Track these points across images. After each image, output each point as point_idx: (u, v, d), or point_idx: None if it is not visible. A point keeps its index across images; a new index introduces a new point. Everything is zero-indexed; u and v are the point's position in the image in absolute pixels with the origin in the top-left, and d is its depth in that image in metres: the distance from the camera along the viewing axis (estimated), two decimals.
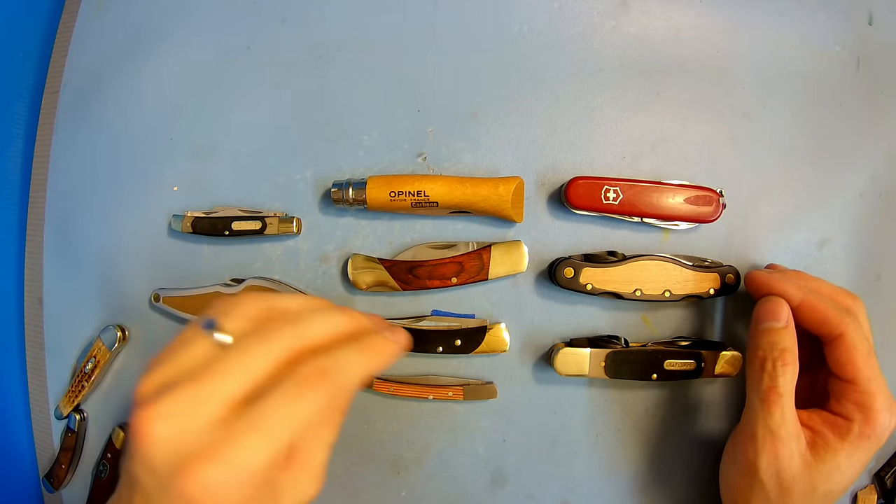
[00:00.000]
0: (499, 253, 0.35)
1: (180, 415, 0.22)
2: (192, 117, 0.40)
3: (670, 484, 0.38)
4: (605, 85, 0.37)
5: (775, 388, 0.29)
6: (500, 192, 0.35)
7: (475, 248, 0.36)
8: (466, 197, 0.35)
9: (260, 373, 0.23)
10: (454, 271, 0.35)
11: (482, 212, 0.36)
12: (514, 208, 0.35)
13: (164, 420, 0.22)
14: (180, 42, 0.40)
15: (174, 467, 0.21)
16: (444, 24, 0.38)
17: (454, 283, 0.35)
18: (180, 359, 0.24)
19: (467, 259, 0.35)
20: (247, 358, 0.23)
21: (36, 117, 0.43)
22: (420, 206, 0.35)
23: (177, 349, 0.24)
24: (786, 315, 0.31)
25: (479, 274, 0.35)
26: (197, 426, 0.22)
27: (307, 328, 0.25)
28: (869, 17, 0.38)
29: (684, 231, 0.37)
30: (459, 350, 0.36)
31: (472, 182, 0.35)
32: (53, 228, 0.42)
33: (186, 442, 0.22)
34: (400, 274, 0.36)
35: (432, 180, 0.35)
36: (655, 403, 0.38)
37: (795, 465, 0.29)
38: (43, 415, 0.42)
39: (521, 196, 0.36)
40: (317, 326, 0.25)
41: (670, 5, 0.38)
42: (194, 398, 0.22)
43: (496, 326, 0.36)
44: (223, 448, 0.22)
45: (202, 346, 0.24)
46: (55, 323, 0.42)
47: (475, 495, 0.38)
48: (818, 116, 0.37)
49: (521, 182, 0.35)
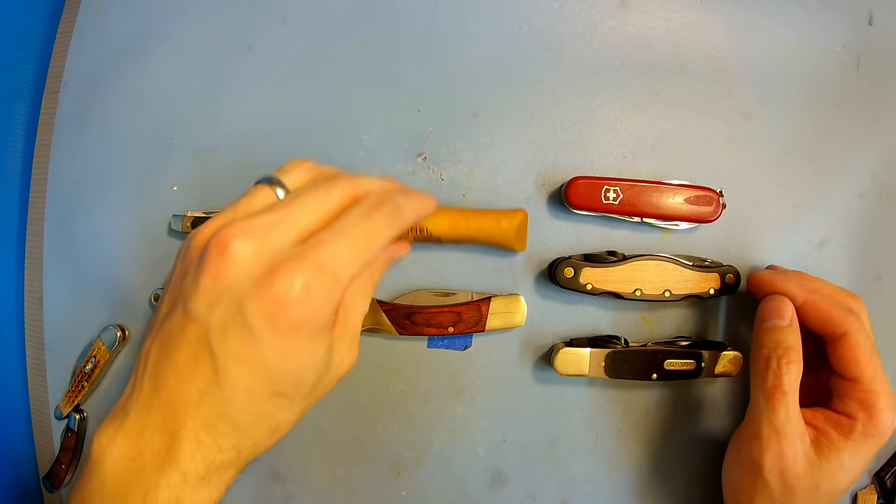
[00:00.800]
0: (498, 306, 0.36)
1: (262, 233, 0.22)
2: (192, 117, 0.40)
3: (671, 484, 0.38)
4: (605, 85, 0.37)
5: (780, 386, 0.29)
6: (503, 226, 0.34)
7: (475, 298, 0.36)
8: (469, 231, 0.34)
9: (331, 207, 0.24)
10: (451, 321, 0.35)
11: (485, 243, 0.35)
12: (517, 241, 0.35)
13: (246, 237, 0.22)
14: (180, 42, 0.40)
15: (262, 276, 0.21)
16: (444, 24, 0.38)
17: (451, 333, 0.36)
18: (246, 205, 0.25)
19: (465, 310, 0.35)
20: (317, 195, 0.24)
21: (36, 117, 0.43)
22: (422, 240, 0.35)
23: (240, 201, 0.25)
24: (790, 314, 0.31)
25: (477, 325, 0.36)
26: (280, 244, 0.22)
27: (360, 180, 0.26)
28: (869, 17, 0.38)
29: (684, 231, 0.37)
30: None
31: (474, 215, 0.34)
32: (53, 228, 0.42)
33: (270, 256, 0.22)
34: (397, 318, 0.36)
35: (434, 215, 0.34)
36: (656, 403, 0.37)
37: (800, 464, 0.29)
38: (43, 415, 0.42)
39: (525, 228, 0.35)
40: (368, 180, 0.27)
41: (670, 5, 0.38)
42: (274, 222, 0.23)
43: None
44: (312, 252, 0.22)
45: (266, 195, 0.25)
46: (55, 323, 0.42)
47: (475, 495, 0.38)
48: (818, 116, 0.37)
49: (526, 215, 0.35)
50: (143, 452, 0.22)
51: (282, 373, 0.23)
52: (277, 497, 0.39)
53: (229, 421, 0.23)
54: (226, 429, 0.23)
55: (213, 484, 0.23)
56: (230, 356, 0.22)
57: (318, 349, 0.24)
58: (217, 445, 0.23)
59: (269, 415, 0.24)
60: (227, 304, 0.22)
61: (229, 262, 0.22)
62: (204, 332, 0.22)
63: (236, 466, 0.24)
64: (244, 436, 0.23)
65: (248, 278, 0.22)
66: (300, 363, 0.23)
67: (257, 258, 0.22)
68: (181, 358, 0.22)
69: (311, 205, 0.24)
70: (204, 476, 0.23)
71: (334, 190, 0.25)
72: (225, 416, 0.22)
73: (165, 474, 0.22)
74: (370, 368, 0.38)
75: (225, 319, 0.22)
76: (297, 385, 0.24)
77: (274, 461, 0.39)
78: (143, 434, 0.22)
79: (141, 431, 0.23)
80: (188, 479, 0.22)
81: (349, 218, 0.24)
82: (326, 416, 0.39)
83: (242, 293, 0.21)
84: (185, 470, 0.22)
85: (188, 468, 0.22)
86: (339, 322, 0.25)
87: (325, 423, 0.39)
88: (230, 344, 0.22)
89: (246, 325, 0.21)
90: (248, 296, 0.21)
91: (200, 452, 0.22)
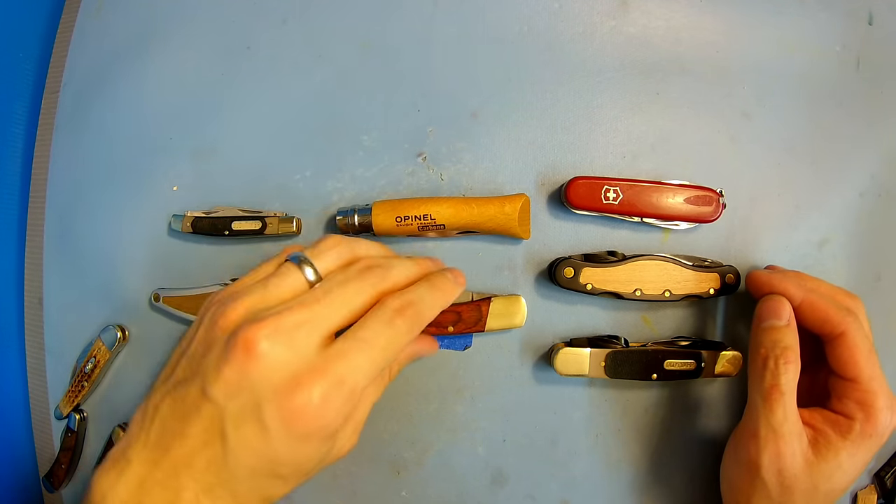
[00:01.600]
0: (498, 306, 0.36)
1: (290, 335, 0.23)
2: (192, 117, 0.40)
3: (670, 484, 0.38)
4: (605, 85, 0.37)
5: (777, 386, 0.29)
6: (506, 210, 0.34)
7: (476, 298, 0.36)
8: (473, 217, 0.35)
9: (357, 307, 0.25)
10: (451, 320, 0.35)
11: (489, 231, 0.35)
12: (521, 226, 0.35)
13: (274, 338, 0.23)
14: (180, 42, 0.40)
15: (283, 383, 0.23)
16: (444, 24, 0.38)
17: (450, 332, 0.36)
18: (273, 289, 0.25)
19: (466, 309, 0.35)
20: (347, 292, 0.25)
21: (36, 117, 0.43)
22: (427, 229, 0.35)
23: (263, 280, 0.26)
24: (787, 313, 0.31)
25: (476, 325, 0.36)
26: (304, 347, 0.23)
27: (390, 272, 0.27)
28: (869, 17, 0.38)
29: (684, 231, 0.37)
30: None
31: (477, 202, 0.35)
32: (53, 228, 0.42)
33: (293, 362, 0.23)
34: None
35: (438, 203, 0.35)
36: (655, 403, 0.37)
37: (797, 464, 0.29)
38: (43, 415, 0.42)
39: (528, 213, 0.35)
40: (397, 271, 0.28)
41: (670, 5, 0.38)
42: (303, 322, 0.24)
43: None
44: (332, 366, 0.23)
45: (294, 280, 0.26)
46: (55, 323, 0.42)
47: (475, 495, 0.38)
48: (818, 116, 0.37)
49: (527, 199, 0.35)
50: (143, 503, 0.23)
51: (286, 461, 0.24)
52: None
53: (228, 490, 0.24)
54: (223, 494, 0.24)
55: None
56: (241, 442, 0.23)
57: (324, 447, 0.25)
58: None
59: (266, 488, 0.25)
60: (246, 399, 0.23)
61: (255, 363, 0.23)
62: (219, 416, 0.23)
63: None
64: (239, 502, 0.24)
65: (271, 381, 0.23)
66: (306, 457, 0.24)
67: (283, 363, 0.23)
68: (192, 430, 0.23)
69: (338, 303, 0.25)
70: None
71: (363, 288, 0.26)
72: (225, 485, 0.24)
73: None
74: None
75: (243, 411, 0.23)
76: (297, 471, 0.25)
77: None
78: (144, 485, 0.23)
79: (143, 482, 0.23)
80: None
81: (372, 325, 0.25)
82: None
83: (263, 394, 0.23)
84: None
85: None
86: (350, 416, 0.26)
87: None
88: (243, 433, 0.23)
89: (261, 423, 0.23)
90: (269, 398, 0.23)
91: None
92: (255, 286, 0.26)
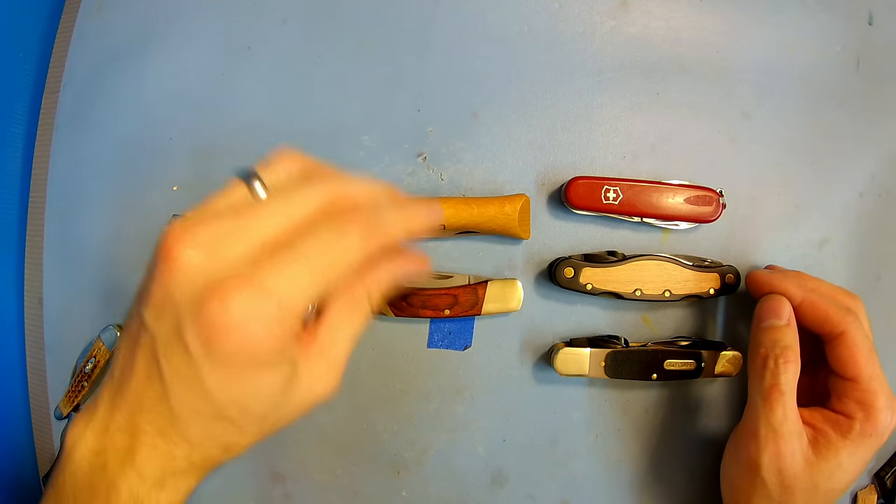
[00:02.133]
0: (494, 289, 0.36)
1: (214, 242, 0.20)
2: (192, 117, 0.40)
3: (670, 483, 0.38)
4: (605, 85, 0.37)
5: (777, 385, 0.29)
6: (506, 211, 0.34)
7: (472, 281, 0.36)
8: (473, 218, 0.35)
9: (300, 217, 0.22)
10: (448, 303, 0.36)
11: (489, 231, 0.35)
12: (521, 226, 0.35)
13: (196, 246, 0.20)
14: (180, 42, 0.40)
15: (200, 294, 0.20)
16: (444, 24, 0.38)
17: (447, 315, 0.36)
18: (216, 204, 0.23)
19: (462, 292, 0.36)
20: (288, 202, 0.22)
21: (36, 117, 0.43)
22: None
23: (214, 199, 0.23)
24: (787, 313, 0.31)
25: (473, 308, 0.36)
26: (230, 256, 0.20)
27: (349, 185, 0.24)
28: (869, 17, 0.38)
29: (684, 231, 0.37)
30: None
31: (477, 203, 0.35)
32: (53, 228, 0.42)
33: (217, 269, 0.20)
34: (394, 300, 0.36)
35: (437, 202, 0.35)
36: (655, 403, 0.37)
37: (797, 463, 0.29)
38: (43, 415, 0.42)
39: (528, 213, 0.35)
40: (358, 185, 0.24)
41: (670, 5, 0.38)
42: (230, 230, 0.21)
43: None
44: (259, 273, 0.20)
45: (240, 194, 0.23)
46: (55, 323, 0.42)
47: (475, 495, 0.38)
48: (818, 116, 0.37)
49: (527, 200, 0.35)
50: (107, 449, 0.22)
51: (224, 399, 0.21)
52: (277, 497, 0.39)
53: (180, 434, 0.22)
54: (178, 439, 0.22)
55: (172, 487, 0.23)
56: (174, 374, 0.21)
57: (266, 380, 0.22)
58: (170, 453, 0.22)
59: (218, 436, 0.23)
60: (170, 319, 0.21)
61: (174, 271, 0.20)
62: (153, 343, 0.21)
63: (193, 475, 0.24)
64: (196, 449, 0.23)
65: (190, 292, 0.20)
66: (243, 392, 0.22)
67: (201, 270, 0.20)
68: (138, 364, 0.22)
69: (278, 214, 0.22)
70: (160, 479, 0.22)
71: (310, 199, 0.22)
72: (175, 428, 0.22)
73: (125, 473, 0.22)
74: (370, 368, 0.38)
75: (168, 335, 0.21)
76: (243, 413, 0.22)
77: (274, 461, 0.39)
78: (108, 430, 0.22)
79: (107, 428, 0.22)
80: (146, 479, 0.22)
81: (315, 234, 0.21)
82: (326, 416, 0.39)
83: (183, 310, 0.20)
84: (143, 471, 0.22)
85: (145, 469, 0.22)
86: (317, 342, 0.24)
87: (325, 423, 0.39)
88: (173, 361, 0.21)
89: (184, 345, 0.20)
90: (187, 314, 0.20)
91: (156, 457, 0.22)
92: (199, 206, 0.23)
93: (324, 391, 0.24)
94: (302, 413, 0.24)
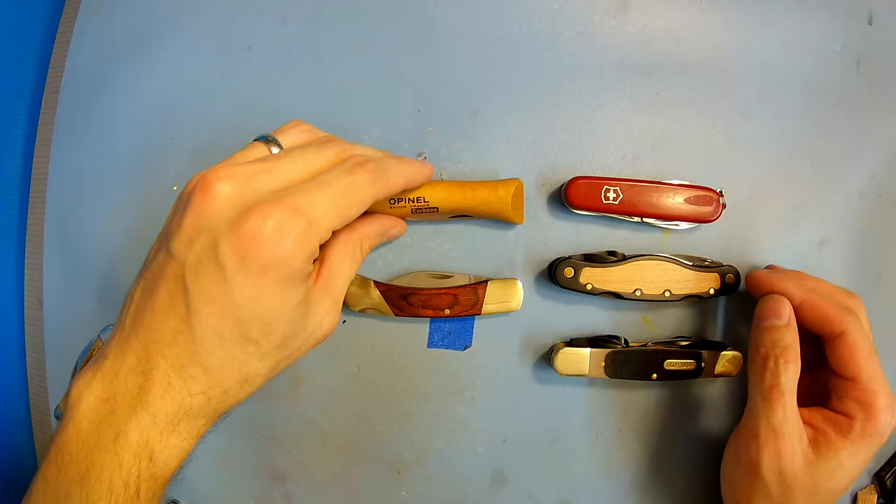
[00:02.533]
0: (494, 289, 0.36)
1: (247, 179, 0.23)
2: (192, 117, 0.40)
3: (671, 483, 0.38)
4: (605, 85, 0.37)
5: (777, 385, 0.29)
6: (499, 194, 0.35)
7: (472, 281, 0.36)
8: (466, 201, 0.35)
9: (317, 165, 0.25)
10: (448, 303, 0.36)
11: (482, 215, 0.35)
12: (514, 210, 0.35)
13: (230, 180, 0.23)
14: (180, 42, 0.40)
15: (237, 215, 0.22)
16: (444, 24, 0.38)
17: (447, 315, 0.36)
18: (237, 158, 0.26)
19: (462, 292, 0.36)
20: (306, 152, 0.26)
21: (36, 117, 0.43)
22: (420, 212, 0.35)
23: (237, 155, 0.27)
24: (787, 313, 0.31)
25: (473, 308, 0.36)
26: (263, 189, 0.23)
27: (354, 147, 0.28)
28: (869, 17, 0.38)
29: (684, 231, 0.37)
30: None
31: (471, 186, 0.35)
32: (53, 228, 0.42)
33: (250, 199, 0.23)
34: (394, 300, 0.36)
35: (431, 185, 0.35)
36: (655, 403, 0.37)
37: (797, 463, 0.29)
38: (43, 415, 0.42)
39: (521, 198, 0.35)
40: (362, 147, 0.29)
41: (670, 5, 0.38)
42: (260, 170, 0.24)
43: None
44: (291, 198, 0.23)
45: (260, 150, 0.26)
46: (55, 323, 0.42)
47: (475, 495, 0.38)
48: (818, 117, 0.37)
49: (521, 184, 0.35)
50: (117, 394, 0.22)
51: (251, 315, 0.23)
52: (277, 497, 0.39)
53: (199, 363, 0.23)
54: (195, 371, 0.23)
55: (184, 430, 0.23)
56: (202, 294, 0.22)
57: (291, 297, 0.24)
58: (187, 388, 0.23)
59: (239, 361, 0.23)
60: (204, 242, 0.22)
61: (211, 200, 0.22)
62: (181, 270, 0.22)
63: (206, 415, 0.24)
64: (214, 381, 0.23)
65: (227, 217, 0.22)
66: (270, 307, 0.23)
67: (237, 199, 0.23)
68: (159, 297, 0.23)
69: (299, 161, 0.25)
70: (173, 419, 0.23)
71: (325, 151, 0.26)
72: (195, 358, 0.23)
73: (136, 415, 0.22)
74: (370, 368, 0.38)
75: (200, 256, 0.22)
76: (266, 332, 0.23)
77: (274, 461, 0.39)
78: (118, 375, 0.23)
79: (116, 373, 0.23)
80: (158, 421, 0.22)
81: (332, 171, 0.25)
82: (326, 416, 0.39)
83: (219, 231, 0.22)
84: (155, 412, 0.22)
85: (158, 410, 0.22)
86: (322, 279, 0.26)
87: (325, 423, 0.39)
88: (203, 281, 0.22)
89: (218, 263, 0.22)
90: (224, 234, 0.22)
91: (170, 395, 0.23)
92: (221, 161, 0.26)
93: (330, 326, 0.27)
94: (310, 347, 0.26)
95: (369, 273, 0.38)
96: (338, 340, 0.38)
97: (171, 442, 0.23)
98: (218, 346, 0.23)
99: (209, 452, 0.40)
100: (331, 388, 0.38)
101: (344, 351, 0.38)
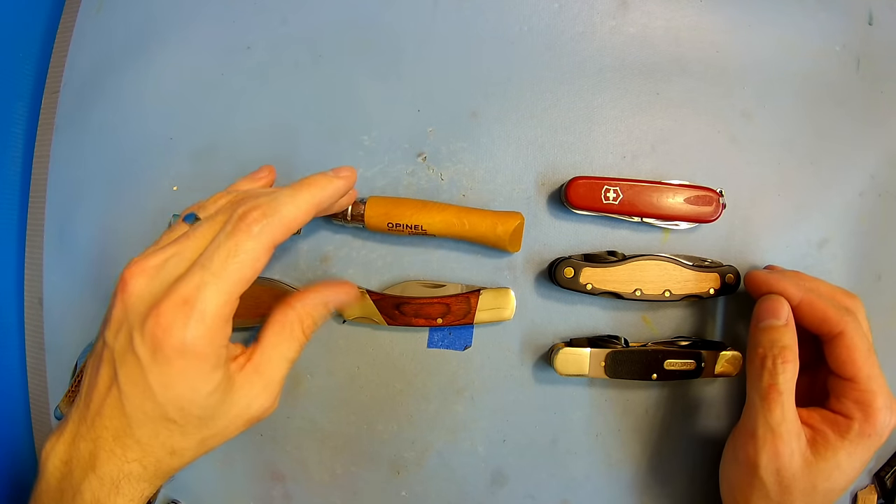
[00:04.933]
0: (487, 299, 0.36)
1: (157, 269, 0.25)
2: (192, 117, 0.40)
3: (670, 483, 0.38)
4: (605, 85, 0.37)
5: (775, 385, 0.29)
6: (498, 232, 0.34)
7: (465, 290, 0.36)
8: (464, 233, 0.35)
9: (212, 236, 0.26)
10: (440, 312, 0.36)
11: (479, 243, 0.36)
12: (511, 244, 0.35)
13: (140, 276, 0.25)
14: (180, 42, 0.40)
15: (146, 311, 0.24)
16: (444, 24, 0.38)
17: (439, 324, 0.36)
18: (163, 240, 0.28)
19: (455, 301, 0.36)
20: (204, 227, 0.27)
21: (36, 117, 0.43)
22: (415, 236, 0.35)
23: (162, 236, 0.29)
24: (786, 313, 0.31)
25: (466, 317, 0.36)
26: (169, 278, 0.25)
27: (259, 197, 0.27)
28: (869, 17, 0.38)
29: (684, 231, 0.37)
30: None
31: (469, 218, 0.35)
32: (53, 228, 0.42)
33: (159, 290, 0.25)
34: (387, 308, 0.36)
35: (430, 213, 0.34)
36: (655, 403, 0.38)
37: (796, 463, 0.29)
38: (43, 415, 0.42)
39: (521, 232, 0.35)
40: (255, 190, 0.29)
41: (670, 5, 0.38)
42: (170, 256, 0.26)
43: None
44: (178, 288, 0.24)
45: (179, 230, 0.28)
46: (55, 323, 0.42)
47: (475, 495, 0.38)
48: (818, 116, 0.37)
49: (522, 220, 0.35)
50: (73, 458, 0.26)
51: (165, 399, 0.25)
52: (277, 497, 0.39)
53: (131, 435, 0.25)
54: (130, 442, 0.26)
55: (127, 492, 0.26)
56: (127, 378, 0.25)
57: (203, 383, 0.25)
58: (125, 456, 0.26)
59: (164, 436, 0.26)
60: (125, 333, 0.25)
61: (127, 297, 0.25)
62: (112, 356, 0.25)
63: (146, 479, 0.26)
64: (146, 451, 0.26)
65: (139, 312, 0.25)
66: (182, 393, 0.25)
67: (147, 293, 0.25)
68: (100, 378, 0.26)
69: (199, 237, 0.26)
70: (116, 482, 0.25)
71: (218, 217, 0.27)
72: (128, 430, 0.25)
73: (87, 478, 0.25)
74: (370, 368, 0.38)
75: (124, 346, 0.25)
76: (182, 413, 0.25)
77: (274, 461, 0.39)
78: (74, 441, 0.26)
79: (73, 438, 0.26)
80: (104, 483, 0.25)
81: (213, 241, 0.25)
82: (326, 416, 0.39)
83: (133, 325, 0.25)
84: (102, 475, 0.25)
85: (104, 473, 0.25)
86: (252, 362, 0.27)
87: (326, 422, 0.39)
88: (127, 368, 0.25)
89: (135, 353, 0.24)
90: (137, 328, 0.24)
91: (113, 461, 0.25)
92: (147, 248, 0.28)
93: (260, 408, 0.28)
94: (241, 427, 0.28)
95: (362, 282, 0.38)
96: (338, 340, 0.38)
97: (118, 502, 0.26)
98: (144, 423, 0.25)
99: (209, 453, 0.40)
100: (331, 388, 0.38)
101: (344, 351, 0.38)
